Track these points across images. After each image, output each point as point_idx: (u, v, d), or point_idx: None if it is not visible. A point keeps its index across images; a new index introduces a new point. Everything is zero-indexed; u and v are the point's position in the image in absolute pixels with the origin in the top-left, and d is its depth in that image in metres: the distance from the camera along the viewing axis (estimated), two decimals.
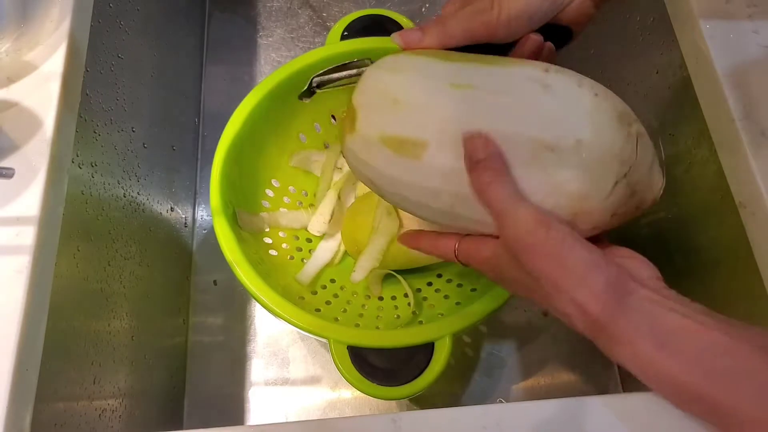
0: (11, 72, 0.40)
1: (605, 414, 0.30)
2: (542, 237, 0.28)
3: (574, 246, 0.28)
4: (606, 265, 0.28)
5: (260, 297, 0.43)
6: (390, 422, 0.31)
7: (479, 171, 0.30)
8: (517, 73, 0.32)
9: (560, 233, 0.28)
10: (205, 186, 0.71)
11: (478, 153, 0.30)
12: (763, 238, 0.36)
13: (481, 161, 0.30)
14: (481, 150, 0.30)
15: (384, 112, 0.34)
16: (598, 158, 0.30)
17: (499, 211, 0.30)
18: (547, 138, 0.30)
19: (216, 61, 0.77)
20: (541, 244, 0.28)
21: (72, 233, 0.40)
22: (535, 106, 0.31)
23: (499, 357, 0.63)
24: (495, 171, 0.30)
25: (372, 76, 0.35)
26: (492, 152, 0.30)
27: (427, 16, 0.80)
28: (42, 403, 0.35)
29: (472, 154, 0.31)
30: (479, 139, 0.31)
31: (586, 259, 0.28)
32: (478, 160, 0.30)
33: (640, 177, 0.30)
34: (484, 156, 0.30)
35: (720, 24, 0.40)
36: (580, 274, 0.28)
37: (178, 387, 0.61)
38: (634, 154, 0.30)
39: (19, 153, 0.37)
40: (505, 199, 0.29)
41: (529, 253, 0.29)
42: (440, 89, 0.32)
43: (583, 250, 0.28)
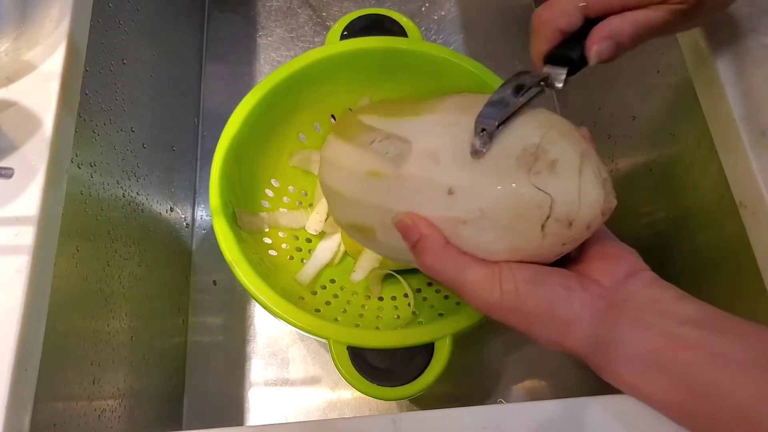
0: (10, 72, 0.39)
1: (605, 414, 0.30)
2: (497, 297, 0.28)
3: (529, 291, 0.28)
4: (568, 296, 0.28)
5: (260, 297, 0.43)
6: (390, 422, 0.31)
7: (417, 254, 0.31)
8: (416, 146, 0.33)
9: (511, 284, 0.28)
10: (204, 186, 0.71)
11: (410, 236, 0.31)
12: (763, 238, 0.36)
13: (417, 243, 0.31)
14: (412, 232, 0.31)
15: (337, 204, 0.40)
16: (507, 218, 0.29)
17: (451, 285, 0.30)
18: (456, 215, 0.30)
19: (216, 60, 0.77)
20: (498, 303, 0.28)
21: (71, 233, 0.40)
22: (435, 184, 0.31)
23: (499, 357, 0.62)
24: (431, 250, 0.30)
25: (321, 168, 0.42)
26: (422, 232, 0.31)
27: (427, 15, 0.80)
28: (41, 403, 0.35)
29: (406, 239, 0.31)
30: (408, 221, 0.31)
31: (545, 299, 0.28)
32: (413, 243, 0.31)
33: (568, 206, 0.28)
34: (417, 238, 0.31)
35: (720, 24, 0.40)
36: (544, 316, 0.28)
37: (178, 387, 0.61)
38: (545, 195, 0.28)
39: (18, 153, 0.37)
40: (450, 271, 0.30)
41: (493, 313, 0.29)
42: (362, 181, 0.36)
43: (539, 291, 0.28)
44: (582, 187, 0.28)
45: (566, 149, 0.29)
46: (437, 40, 0.78)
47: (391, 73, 0.54)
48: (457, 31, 0.79)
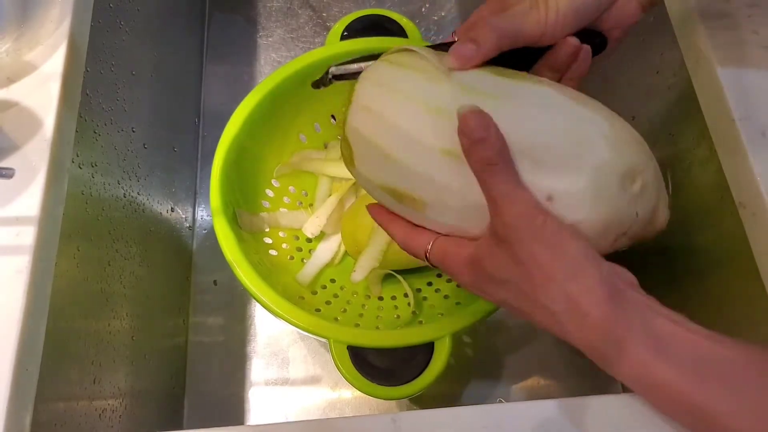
0: (11, 72, 0.40)
1: (605, 414, 0.30)
2: (540, 223, 0.27)
3: (572, 236, 0.27)
4: (600, 261, 0.28)
5: (260, 297, 0.43)
6: (390, 422, 0.31)
7: (481, 150, 0.28)
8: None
9: (557, 223, 0.28)
10: (205, 186, 0.71)
11: (478, 131, 0.28)
12: (763, 238, 0.36)
13: (484, 139, 0.28)
14: (482, 128, 0.28)
15: (378, 164, 0.32)
16: (597, 229, 0.29)
17: (497, 193, 0.28)
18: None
19: (216, 61, 0.77)
20: (538, 229, 0.27)
21: (72, 233, 0.40)
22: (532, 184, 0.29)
23: (499, 357, 0.63)
24: (495, 151, 0.28)
25: (362, 101, 0.34)
26: (492, 130, 0.28)
27: (427, 16, 0.80)
28: (42, 403, 0.35)
29: (471, 132, 0.28)
30: (477, 115, 0.28)
31: (583, 252, 0.27)
32: (479, 138, 0.28)
33: (640, 228, 0.31)
34: (485, 135, 0.28)
35: (720, 24, 0.40)
36: (576, 264, 0.27)
37: (178, 387, 0.61)
38: (634, 215, 0.30)
39: (19, 153, 0.37)
40: (505, 180, 0.28)
41: (524, 239, 0.27)
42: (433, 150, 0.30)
43: (580, 242, 0.28)
44: (656, 212, 0.32)
45: (650, 176, 0.31)
46: (437, 40, 0.78)
47: None
48: None
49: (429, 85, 0.31)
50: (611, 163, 0.29)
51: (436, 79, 0.31)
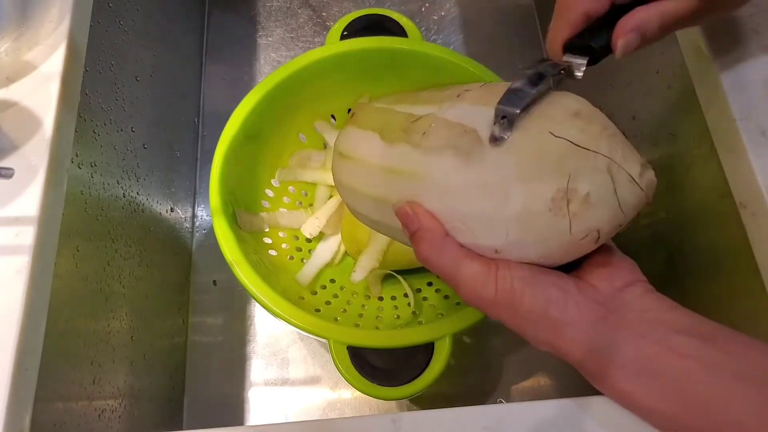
0: (11, 72, 0.39)
1: (605, 414, 0.30)
2: (491, 292, 0.28)
3: (525, 290, 0.28)
4: (564, 297, 0.28)
5: (260, 297, 0.43)
6: (390, 422, 0.31)
7: (416, 244, 0.30)
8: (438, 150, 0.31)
9: (507, 283, 0.28)
10: (204, 186, 0.71)
11: (410, 225, 0.30)
12: (763, 238, 0.36)
13: (416, 232, 0.30)
14: (412, 222, 0.30)
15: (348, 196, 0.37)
16: (557, 256, 0.29)
17: (447, 278, 0.30)
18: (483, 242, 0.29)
19: (216, 61, 0.77)
20: (492, 299, 0.28)
21: (72, 233, 0.40)
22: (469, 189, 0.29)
23: (499, 357, 0.62)
24: (429, 241, 0.30)
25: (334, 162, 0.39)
26: (422, 223, 0.30)
27: (427, 15, 0.80)
28: (41, 403, 0.35)
29: (406, 227, 0.31)
30: (408, 209, 0.30)
31: (541, 299, 0.28)
32: (412, 232, 0.30)
33: (614, 223, 0.28)
34: (416, 227, 0.30)
35: (720, 24, 0.40)
36: (538, 316, 0.27)
37: (178, 387, 0.61)
38: (592, 230, 0.28)
39: (18, 153, 0.37)
40: (446, 265, 0.29)
41: (487, 309, 0.29)
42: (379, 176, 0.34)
43: (535, 291, 0.28)
44: (621, 200, 0.28)
45: (594, 172, 0.27)
46: (437, 40, 0.78)
47: (391, 73, 0.54)
48: (457, 32, 0.79)
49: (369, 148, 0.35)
50: (528, 202, 0.28)
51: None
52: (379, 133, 0.35)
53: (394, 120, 0.35)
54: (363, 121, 0.37)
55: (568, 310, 0.27)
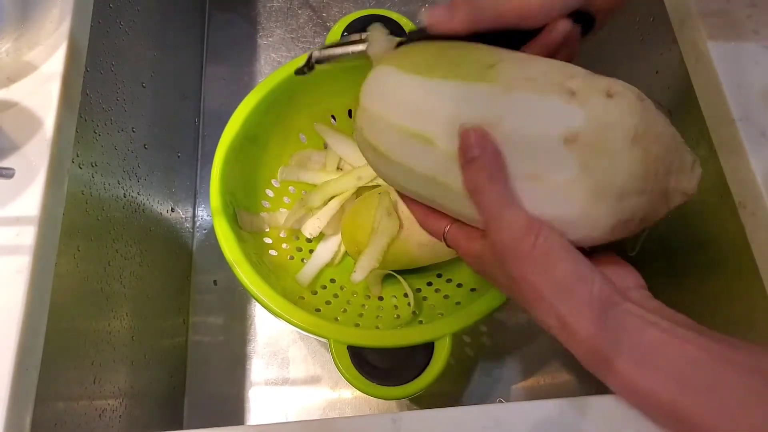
0: (11, 72, 0.40)
1: (605, 414, 0.30)
2: (529, 245, 0.27)
3: (561, 257, 0.27)
4: (592, 277, 0.28)
5: (260, 297, 0.43)
6: (390, 422, 0.31)
7: (471, 170, 0.29)
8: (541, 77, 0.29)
9: (548, 243, 0.28)
10: (205, 186, 0.71)
11: (472, 150, 0.29)
12: (763, 238, 0.36)
13: (475, 159, 0.29)
14: (475, 146, 0.29)
15: (394, 113, 0.33)
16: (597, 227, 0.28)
17: (487, 214, 0.29)
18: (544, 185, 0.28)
19: (216, 61, 0.77)
20: (527, 252, 0.27)
21: (72, 233, 0.40)
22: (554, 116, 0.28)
23: (499, 357, 0.63)
24: (487, 171, 0.28)
25: (378, 76, 0.34)
26: (487, 150, 0.28)
27: None
28: (42, 403, 0.35)
29: (466, 151, 0.29)
30: (475, 133, 0.29)
31: (572, 272, 0.27)
32: (472, 157, 0.29)
33: (650, 210, 0.29)
34: (478, 153, 0.29)
35: (720, 24, 0.40)
36: (564, 286, 0.27)
37: (178, 387, 0.61)
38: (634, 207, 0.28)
39: (19, 153, 0.37)
40: (494, 202, 0.28)
41: (515, 261, 0.28)
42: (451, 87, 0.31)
43: (569, 262, 0.28)
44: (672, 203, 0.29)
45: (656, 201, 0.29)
46: None
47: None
48: None
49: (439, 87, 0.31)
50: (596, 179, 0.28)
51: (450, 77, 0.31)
52: (443, 76, 0.31)
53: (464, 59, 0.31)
54: (405, 64, 0.33)
55: (592, 289, 0.27)
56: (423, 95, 0.31)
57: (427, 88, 0.31)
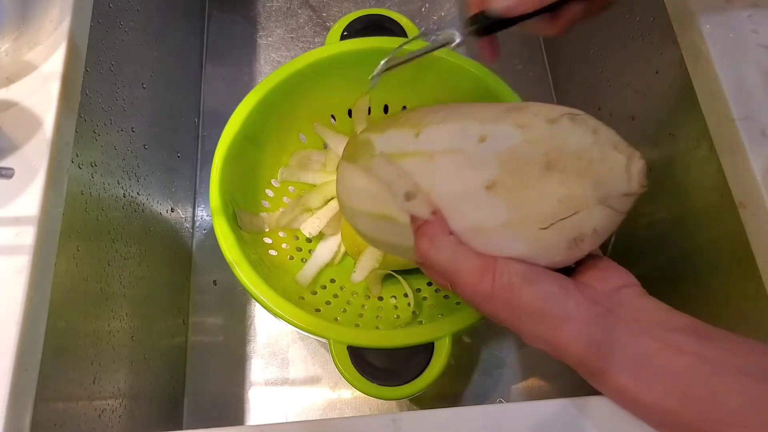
0: (11, 72, 0.40)
1: (605, 414, 0.30)
2: (488, 285, 0.28)
3: (523, 285, 0.28)
4: (563, 293, 0.28)
5: (260, 297, 0.43)
6: (390, 422, 0.31)
7: (418, 239, 0.31)
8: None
9: (506, 277, 0.28)
10: (205, 186, 0.71)
11: (417, 221, 0.31)
12: (763, 238, 0.36)
13: (420, 228, 0.31)
14: (418, 218, 0.31)
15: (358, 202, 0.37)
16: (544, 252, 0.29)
17: (444, 272, 0.30)
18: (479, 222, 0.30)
19: (216, 61, 0.77)
20: (489, 292, 0.28)
21: (72, 233, 0.40)
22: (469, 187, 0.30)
23: (499, 357, 0.63)
24: (429, 236, 0.30)
25: (341, 173, 0.39)
26: (428, 218, 0.31)
27: (427, 16, 0.80)
28: (42, 402, 0.35)
29: (413, 224, 0.31)
30: (416, 202, 0.31)
31: (539, 294, 0.28)
32: (417, 227, 0.31)
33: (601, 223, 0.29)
34: (421, 223, 0.31)
35: (720, 24, 0.40)
36: (535, 311, 0.28)
37: (178, 387, 0.61)
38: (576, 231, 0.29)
39: (18, 153, 0.37)
40: (444, 260, 0.30)
41: (483, 305, 0.29)
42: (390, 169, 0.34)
43: (533, 286, 0.28)
44: (619, 208, 0.29)
45: (599, 212, 0.28)
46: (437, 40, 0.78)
47: (391, 73, 0.54)
48: None
49: None
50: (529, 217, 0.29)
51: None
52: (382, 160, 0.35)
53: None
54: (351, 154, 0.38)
55: (567, 307, 0.27)
56: (372, 182, 0.35)
57: (371, 174, 0.35)
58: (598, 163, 0.28)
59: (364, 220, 0.37)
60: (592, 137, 0.29)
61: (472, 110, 0.32)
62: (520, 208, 0.29)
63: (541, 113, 0.30)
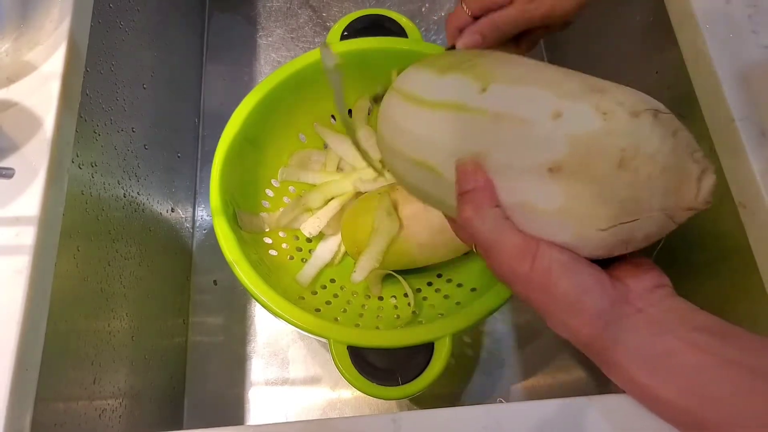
0: (11, 72, 0.40)
1: (605, 414, 0.30)
2: (527, 269, 0.28)
3: (562, 275, 0.28)
4: (599, 288, 0.28)
5: (260, 297, 0.43)
6: (390, 422, 0.31)
7: (463, 204, 0.30)
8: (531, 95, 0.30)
9: (546, 261, 0.28)
10: (205, 186, 0.71)
11: (465, 184, 0.30)
12: (763, 238, 0.36)
13: (468, 192, 0.30)
14: (468, 181, 0.30)
15: (402, 143, 0.34)
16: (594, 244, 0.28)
17: (482, 246, 0.29)
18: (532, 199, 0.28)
19: (216, 61, 0.77)
20: (526, 273, 0.28)
21: (72, 233, 0.40)
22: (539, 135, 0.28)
23: (499, 357, 0.63)
24: (476, 205, 0.29)
25: (388, 106, 0.37)
26: (478, 184, 0.29)
27: (427, 16, 0.80)
28: (42, 403, 0.35)
29: (460, 185, 0.30)
30: (468, 167, 0.30)
31: (576, 286, 0.28)
32: (465, 191, 0.30)
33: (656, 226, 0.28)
34: (471, 187, 0.30)
35: (720, 24, 0.40)
36: (569, 301, 0.27)
37: (178, 387, 0.61)
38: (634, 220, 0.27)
39: (19, 153, 0.37)
40: (486, 232, 0.29)
41: (517, 284, 0.29)
42: (446, 119, 0.32)
43: (572, 277, 0.28)
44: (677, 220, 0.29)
45: (657, 219, 0.28)
46: (437, 40, 0.78)
47: (390, 72, 0.54)
48: None
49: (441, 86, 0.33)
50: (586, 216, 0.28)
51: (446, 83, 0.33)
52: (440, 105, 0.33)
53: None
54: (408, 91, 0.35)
55: (600, 302, 0.27)
56: (424, 127, 0.33)
57: (426, 119, 0.33)
58: (672, 172, 0.27)
59: (404, 165, 0.34)
60: (671, 141, 0.28)
61: (551, 77, 0.30)
62: (580, 201, 0.27)
63: (627, 102, 0.28)
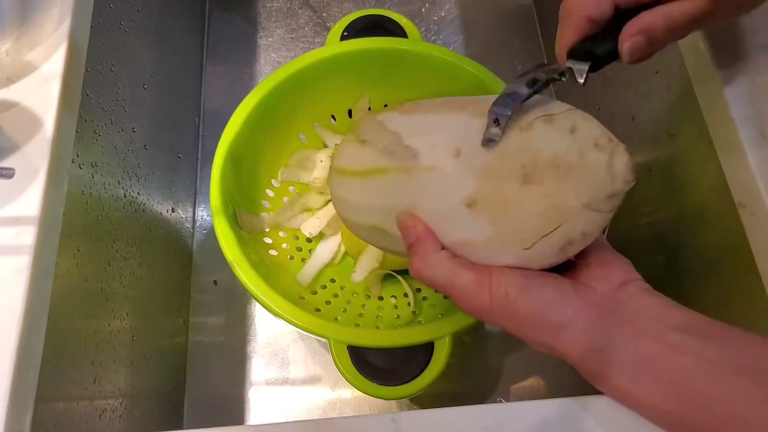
0: (11, 72, 0.40)
1: (605, 414, 0.30)
2: (486, 301, 0.28)
3: (519, 296, 0.28)
4: (562, 299, 0.28)
5: (260, 297, 0.43)
6: (390, 422, 0.31)
7: (411, 257, 0.31)
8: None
9: (502, 289, 0.28)
10: (205, 186, 0.71)
11: (409, 237, 0.31)
12: (762, 238, 0.36)
13: (412, 246, 0.31)
14: (411, 234, 0.31)
15: (349, 212, 0.37)
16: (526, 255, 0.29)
17: (442, 289, 0.30)
18: (466, 236, 0.30)
19: (216, 61, 0.77)
20: (488, 307, 0.28)
21: (72, 233, 0.40)
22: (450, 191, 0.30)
23: (499, 357, 0.63)
24: (422, 255, 0.30)
25: (331, 182, 0.39)
26: (419, 234, 0.30)
27: (427, 16, 0.80)
28: (42, 403, 0.35)
29: (405, 239, 0.31)
30: (407, 221, 0.31)
31: (537, 303, 0.28)
32: (409, 244, 0.31)
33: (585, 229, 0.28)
34: (413, 239, 0.31)
35: (720, 24, 0.40)
36: (535, 319, 0.28)
37: (178, 387, 0.61)
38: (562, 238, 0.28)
39: (19, 153, 0.37)
40: (438, 278, 0.30)
41: (484, 317, 0.29)
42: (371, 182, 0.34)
43: (531, 296, 0.28)
44: (607, 209, 0.28)
45: (586, 217, 0.28)
46: (437, 40, 0.78)
47: (391, 73, 0.54)
48: (457, 32, 0.79)
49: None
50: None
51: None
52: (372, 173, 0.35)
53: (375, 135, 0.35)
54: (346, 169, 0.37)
55: (565, 313, 0.28)
56: (359, 195, 0.35)
57: (358, 188, 0.35)
58: (577, 169, 0.27)
59: (357, 229, 0.37)
60: (568, 139, 0.28)
61: (448, 116, 0.32)
62: (503, 225, 0.28)
63: (519, 119, 0.29)
